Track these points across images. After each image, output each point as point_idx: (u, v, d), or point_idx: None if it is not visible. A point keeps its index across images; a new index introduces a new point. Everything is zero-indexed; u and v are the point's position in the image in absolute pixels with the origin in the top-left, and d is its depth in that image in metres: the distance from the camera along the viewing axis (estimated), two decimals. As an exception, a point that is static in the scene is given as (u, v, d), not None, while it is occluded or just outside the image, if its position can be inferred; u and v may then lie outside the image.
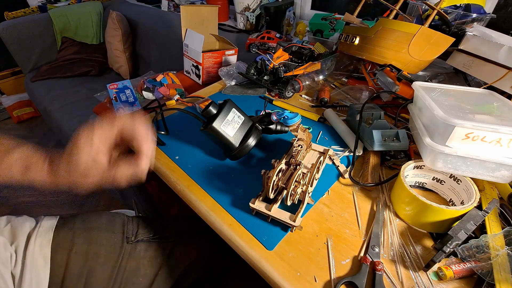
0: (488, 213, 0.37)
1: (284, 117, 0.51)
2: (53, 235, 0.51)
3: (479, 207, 0.38)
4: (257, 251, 0.38)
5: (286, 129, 0.55)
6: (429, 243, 0.39)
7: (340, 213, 0.44)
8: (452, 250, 0.34)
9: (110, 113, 0.37)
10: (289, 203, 0.40)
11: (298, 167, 0.42)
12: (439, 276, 0.35)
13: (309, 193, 0.41)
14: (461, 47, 0.63)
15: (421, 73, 0.72)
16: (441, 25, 0.68)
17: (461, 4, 0.72)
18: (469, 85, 0.67)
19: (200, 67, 0.88)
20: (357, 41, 0.69)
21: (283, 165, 0.43)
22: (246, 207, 0.43)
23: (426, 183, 0.47)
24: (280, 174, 0.43)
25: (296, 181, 0.40)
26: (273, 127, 0.54)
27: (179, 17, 0.88)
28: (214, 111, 0.48)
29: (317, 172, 0.47)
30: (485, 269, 0.33)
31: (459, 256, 0.35)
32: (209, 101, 0.48)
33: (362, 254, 0.38)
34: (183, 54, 0.95)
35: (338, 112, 0.67)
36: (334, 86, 0.78)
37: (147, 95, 0.80)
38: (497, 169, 0.39)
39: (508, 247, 0.33)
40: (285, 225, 0.40)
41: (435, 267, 0.35)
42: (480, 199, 0.39)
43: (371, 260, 0.36)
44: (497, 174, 0.39)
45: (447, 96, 0.48)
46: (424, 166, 0.44)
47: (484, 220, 0.38)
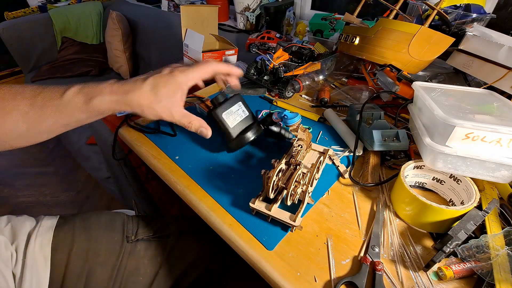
0: (488, 213, 0.37)
1: (284, 116, 0.51)
2: (53, 234, 0.51)
3: (479, 207, 0.38)
4: (257, 251, 0.38)
5: (290, 136, 0.55)
6: (429, 243, 0.39)
7: (340, 213, 0.44)
8: (452, 250, 0.34)
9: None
10: (289, 203, 0.40)
11: (298, 167, 0.42)
12: (439, 276, 0.35)
13: (309, 193, 0.41)
14: (461, 47, 0.63)
15: (421, 73, 0.72)
16: (441, 25, 0.68)
17: (461, 4, 0.72)
18: (469, 85, 0.67)
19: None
20: (357, 41, 0.69)
21: (283, 165, 0.43)
22: (246, 207, 0.43)
23: (426, 183, 0.47)
24: (280, 174, 0.43)
25: (296, 181, 0.40)
26: (276, 129, 0.54)
27: (179, 17, 0.88)
28: (222, 100, 0.49)
29: (317, 172, 0.47)
30: (485, 269, 0.33)
31: (459, 256, 0.35)
32: (209, 100, 0.48)
33: (362, 254, 0.38)
34: (183, 54, 0.95)
35: (338, 112, 0.67)
36: (334, 86, 0.78)
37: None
38: (497, 169, 0.39)
39: (508, 247, 0.33)
40: (285, 225, 0.40)
41: (435, 267, 0.35)
42: (480, 199, 0.39)
43: (371, 260, 0.36)
44: (497, 174, 0.39)
45: (447, 96, 0.48)
46: (424, 166, 0.45)
47: (484, 220, 0.38)
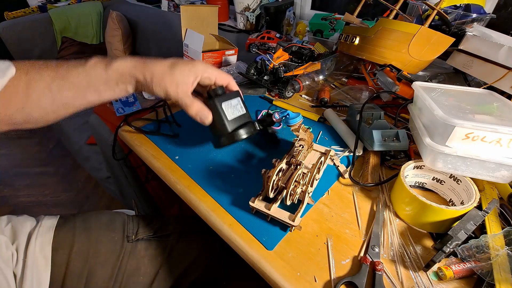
0: (488, 213, 0.37)
1: (286, 115, 0.51)
2: (53, 234, 0.51)
3: (479, 207, 0.38)
4: (257, 251, 0.38)
5: (278, 139, 0.54)
6: (429, 243, 0.39)
7: (340, 213, 0.44)
8: (452, 250, 0.34)
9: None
10: (288, 202, 0.40)
11: (298, 167, 0.42)
12: (439, 276, 0.35)
13: (309, 193, 0.41)
14: (461, 47, 0.63)
15: (421, 73, 0.72)
16: (441, 25, 0.68)
17: (461, 4, 0.72)
18: (469, 85, 0.67)
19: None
20: (357, 41, 0.69)
21: (283, 165, 0.43)
22: (246, 207, 0.43)
23: (426, 183, 0.47)
24: (280, 173, 0.43)
25: (296, 181, 0.40)
26: (270, 131, 0.53)
27: (179, 17, 0.88)
28: (220, 92, 0.47)
29: (318, 172, 0.47)
30: (485, 269, 0.33)
31: (459, 256, 0.35)
32: None
33: (362, 254, 0.38)
34: (183, 54, 0.95)
35: (338, 112, 0.67)
36: (334, 86, 0.78)
37: (147, 95, 0.80)
38: (497, 169, 0.39)
39: (508, 247, 0.33)
40: (284, 225, 0.40)
41: (435, 267, 0.35)
42: (480, 199, 0.39)
43: (371, 260, 0.36)
44: (497, 174, 0.39)
45: (447, 96, 0.48)
46: (424, 166, 0.45)
47: (484, 220, 0.38)
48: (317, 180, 0.48)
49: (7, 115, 0.35)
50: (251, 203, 0.41)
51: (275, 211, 0.40)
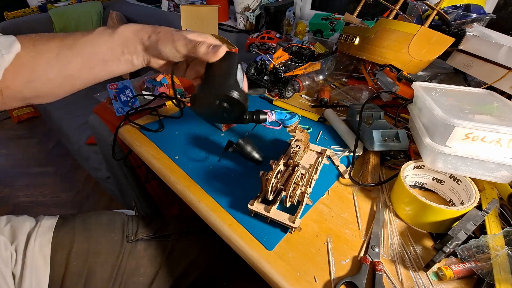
0: (488, 213, 0.37)
1: (284, 117, 0.51)
2: (53, 234, 0.51)
3: (479, 207, 0.38)
4: (257, 251, 0.38)
5: (260, 159, 0.52)
6: (429, 243, 0.39)
7: (340, 213, 0.44)
8: (452, 250, 0.34)
9: None
10: (288, 204, 0.40)
11: (296, 168, 0.42)
12: (439, 276, 0.35)
13: (307, 194, 0.41)
14: (461, 47, 0.63)
15: (421, 73, 0.73)
16: (441, 25, 0.68)
17: (461, 4, 0.72)
18: (469, 85, 0.67)
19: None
20: (357, 41, 0.69)
21: (281, 167, 0.43)
22: (245, 207, 0.43)
23: (426, 183, 0.47)
24: (279, 175, 0.43)
25: (294, 182, 0.40)
26: (248, 149, 0.51)
27: (179, 17, 0.88)
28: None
29: (315, 172, 0.47)
30: (485, 269, 0.33)
31: (459, 256, 0.35)
32: None
33: (362, 254, 0.38)
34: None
35: (338, 112, 0.67)
36: (334, 86, 0.78)
37: (146, 95, 0.80)
38: (497, 169, 0.39)
39: (508, 247, 0.33)
40: (284, 226, 0.40)
41: (435, 267, 0.35)
42: (480, 199, 0.39)
43: (371, 260, 0.36)
44: (497, 174, 0.39)
45: (447, 96, 0.48)
46: (424, 166, 0.44)
47: (484, 220, 0.38)
48: (314, 180, 0.48)
49: (16, 90, 0.35)
50: (250, 206, 0.41)
51: (275, 213, 0.40)
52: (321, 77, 0.75)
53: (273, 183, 0.40)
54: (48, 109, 1.53)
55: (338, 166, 0.52)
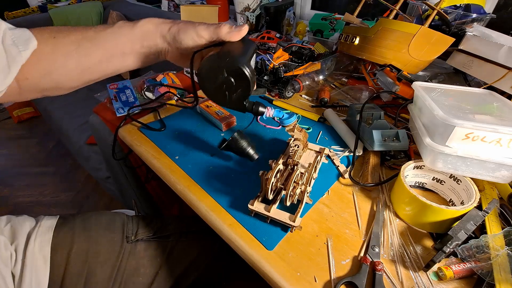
0: (488, 213, 0.37)
1: (282, 117, 0.50)
2: (53, 234, 0.51)
3: (479, 207, 0.38)
4: (257, 251, 0.38)
5: (255, 156, 0.51)
6: (429, 243, 0.39)
7: (340, 213, 0.44)
8: (452, 250, 0.34)
9: None
10: (288, 203, 0.40)
11: (296, 167, 0.42)
12: (439, 276, 0.35)
13: (307, 193, 0.41)
14: (461, 47, 0.63)
15: (421, 73, 0.72)
16: (441, 25, 0.68)
17: (461, 4, 0.72)
18: (469, 85, 0.67)
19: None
20: (357, 41, 0.69)
21: (281, 166, 0.43)
22: (245, 207, 0.43)
23: (426, 183, 0.47)
24: (278, 175, 0.43)
25: (294, 181, 0.40)
26: (244, 144, 0.50)
27: (179, 17, 0.88)
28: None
29: (315, 171, 0.47)
30: (485, 269, 0.33)
31: (459, 256, 0.35)
32: (209, 100, 0.46)
33: (362, 254, 0.38)
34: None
35: (338, 112, 0.67)
36: (334, 86, 0.78)
37: (150, 95, 0.80)
38: (497, 169, 0.39)
39: (508, 247, 0.33)
40: (285, 225, 0.40)
41: (435, 267, 0.35)
42: (480, 199, 0.39)
43: (371, 260, 0.36)
44: (497, 174, 0.39)
45: (447, 96, 0.48)
46: (424, 166, 0.44)
47: (484, 220, 0.38)
48: (314, 179, 0.48)
49: (35, 81, 0.35)
50: (250, 206, 0.41)
51: (275, 212, 0.40)
52: (321, 77, 0.75)
53: (273, 183, 0.40)
54: (48, 109, 1.53)
55: (338, 166, 0.52)
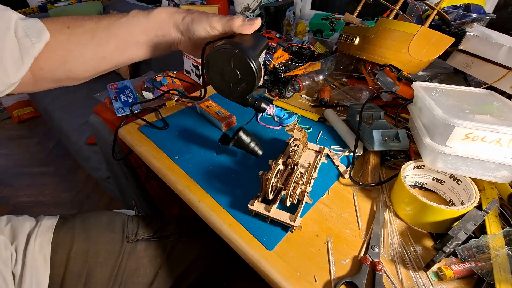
0: (488, 213, 0.37)
1: (282, 116, 0.50)
2: (53, 234, 0.51)
3: (479, 207, 0.38)
4: (257, 251, 0.38)
5: (260, 152, 0.51)
6: (429, 243, 0.39)
7: (340, 213, 0.44)
8: (452, 250, 0.34)
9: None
10: (288, 203, 0.40)
11: (296, 167, 0.42)
12: (439, 276, 0.35)
13: (307, 192, 0.41)
14: (461, 47, 0.63)
15: (421, 73, 0.72)
16: (441, 25, 0.68)
17: (461, 4, 0.72)
18: (469, 85, 0.67)
19: (200, 67, 0.88)
20: (357, 41, 0.69)
21: (280, 166, 0.43)
22: (245, 207, 0.43)
23: (426, 183, 0.47)
24: (278, 174, 0.43)
25: (294, 181, 0.40)
26: (247, 139, 0.49)
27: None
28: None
29: (314, 171, 0.47)
30: (485, 269, 0.33)
31: (459, 256, 0.35)
32: (209, 100, 0.46)
33: (362, 254, 0.38)
34: (183, 54, 0.95)
35: (338, 112, 0.67)
36: (334, 86, 0.78)
37: (147, 95, 0.80)
38: (497, 169, 0.39)
39: (508, 247, 0.33)
40: (285, 225, 0.40)
41: (435, 267, 0.35)
42: (480, 199, 0.39)
43: (371, 260, 0.36)
44: (497, 174, 0.39)
45: (447, 96, 0.48)
46: (424, 166, 0.44)
47: (484, 220, 0.38)
48: (314, 179, 0.48)
49: (50, 72, 0.35)
50: (250, 206, 0.41)
51: (275, 212, 0.40)
52: (321, 77, 0.75)
53: (273, 183, 0.40)
54: (48, 109, 1.53)
55: (338, 166, 0.52)
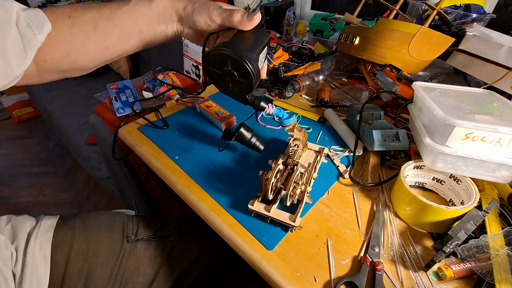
0: (488, 213, 0.37)
1: (281, 116, 0.50)
2: (53, 234, 0.51)
3: (479, 207, 0.38)
4: (257, 251, 0.38)
5: (261, 147, 0.52)
6: (429, 243, 0.39)
7: (340, 213, 0.44)
8: (452, 250, 0.34)
9: None
10: (288, 203, 0.40)
11: (295, 167, 0.42)
12: (439, 276, 0.35)
13: (307, 192, 0.41)
14: (461, 47, 0.63)
15: (421, 73, 0.72)
16: (441, 25, 0.68)
17: (461, 4, 0.72)
18: (469, 85, 0.67)
19: (200, 67, 0.88)
20: (357, 41, 0.69)
21: (280, 166, 0.43)
22: (245, 207, 0.43)
23: (426, 183, 0.47)
24: (278, 174, 0.43)
25: (294, 181, 0.40)
26: (248, 135, 0.51)
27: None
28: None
29: (314, 171, 0.47)
30: (485, 269, 0.33)
31: (459, 256, 0.35)
32: (209, 100, 0.46)
33: (362, 254, 0.38)
34: (183, 54, 0.95)
35: (338, 112, 0.67)
36: (334, 86, 0.78)
37: (147, 95, 0.80)
38: (497, 169, 0.39)
39: (508, 247, 0.33)
40: (285, 225, 0.40)
41: (435, 267, 0.35)
42: (480, 199, 0.39)
43: (371, 260, 0.36)
44: (497, 174, 0.39)
45: (447, 96, 0.48)
46: (424, 166, 0.44)
47: (484, 220, 0.38)
48: (313, 179, 0.48)
49: (54, 63, 0.35)
50: (250, 206, 0.41)
51: (275, 212, 0.40)
52: (321, 77, 0.75)
53: (273, 183, 0.40)
54: (48, 109, 1.53)
55: (338, 166, 0.52)
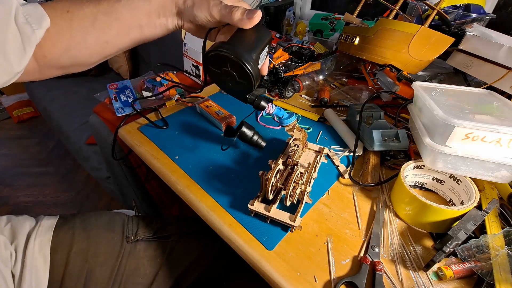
0: (488, 213, 0.37)
1: (281, 117, 0.50)
2: (52, 234, 0.51)
3: (479, 207, 0.38)
4: (257, 251, 0.38)
5: (263, 144, 0.53)
6: (429, 243, 0.39)
7: (340, 213, 0.44)
8: (452, 250, 0.34)
9: None
10: (288, 203, 0.40)
11: (295, 167, 0.42)
12: (439, 276, 0.35)
13: (307, 192, 0.41)
14: (461, 47, 0.63)
15: (421, 73, 0.72)
16: (441, 25, 0.68)
17: (461, 4, 0.72)
18: (469, 85, 0.67)
19: (200, 67, 0.88)
20: (357, 41, 0.69)
21: (280, 166, 0.43)
22: (245, 207, 0.43)
23: (426, 183, 0.47)
24: (278, 174, 0.43)
25: (294, 181, 0.40)
26: (249, 133, 0.52)
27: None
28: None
29: (314, 171, 0.47)
30: (485, 269, 0.33)
31: (459, 256, 0.35)
32: (209, 100, 0.46)
33: (362, 254, 0.38)
34: (183, 54, 0.95)
35: (338, 112, 0.67)
36: (334, 86, 0.78)
37: (147, 95, 0.80)
38: (497, 169, 0.39)
39: (508, 247, 0.33)
40: (285, 225, 0.40)
41: (435, 267, 0.35)
42: (480, 199, 0.39)
43: (371, 260, 0.36)
44: (497, 174, 0.39)
45: (447, 96, 0.48)
46: (424, 166, 0.44)
47: (484, 220, 0.38)
48: (313, 179, 0.48)
49: (55, 59, 0.35)
50: (250, 206, 0.41)
51: (275, 212, 0.40)
52: (321, 77, 0.75)
53: (273, 183, 0.40)
54: (48, 109, 1.52)
55: (338, 166, 0.52)
